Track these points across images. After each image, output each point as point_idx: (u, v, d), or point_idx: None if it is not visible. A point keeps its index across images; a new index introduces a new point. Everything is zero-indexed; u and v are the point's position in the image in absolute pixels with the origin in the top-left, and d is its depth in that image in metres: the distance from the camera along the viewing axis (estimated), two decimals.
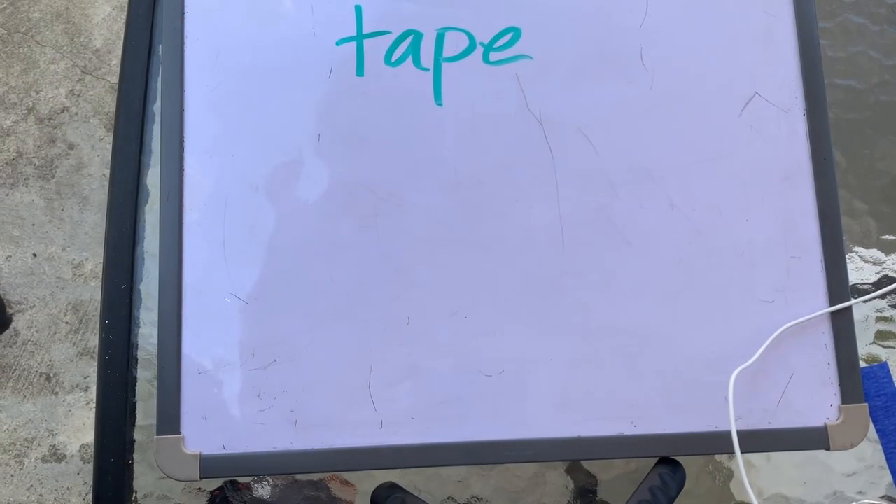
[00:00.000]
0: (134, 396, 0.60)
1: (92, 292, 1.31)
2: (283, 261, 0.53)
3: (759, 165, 0.55)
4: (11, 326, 1.29)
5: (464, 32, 0.55)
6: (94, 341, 1.28)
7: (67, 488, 1.23)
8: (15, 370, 1.28)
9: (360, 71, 0.55)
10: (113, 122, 0.65)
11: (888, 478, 0.61)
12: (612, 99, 0.55)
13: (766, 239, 0.54)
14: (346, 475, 0.61)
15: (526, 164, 0.54)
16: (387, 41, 0.55)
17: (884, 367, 0.55)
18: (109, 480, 0.59)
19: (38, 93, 1.39)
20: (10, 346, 1.29)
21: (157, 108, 0.63)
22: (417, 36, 0.55)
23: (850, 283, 0.61)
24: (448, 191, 0.54)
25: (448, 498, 0.61)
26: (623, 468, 0.61)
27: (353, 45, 0.55)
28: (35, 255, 1.32)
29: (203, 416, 0.52)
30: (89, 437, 1.25)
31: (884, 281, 0.64)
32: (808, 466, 0.61)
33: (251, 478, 0.60)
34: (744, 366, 0.52)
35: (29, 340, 1.29)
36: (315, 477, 0.61)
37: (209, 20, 0.56)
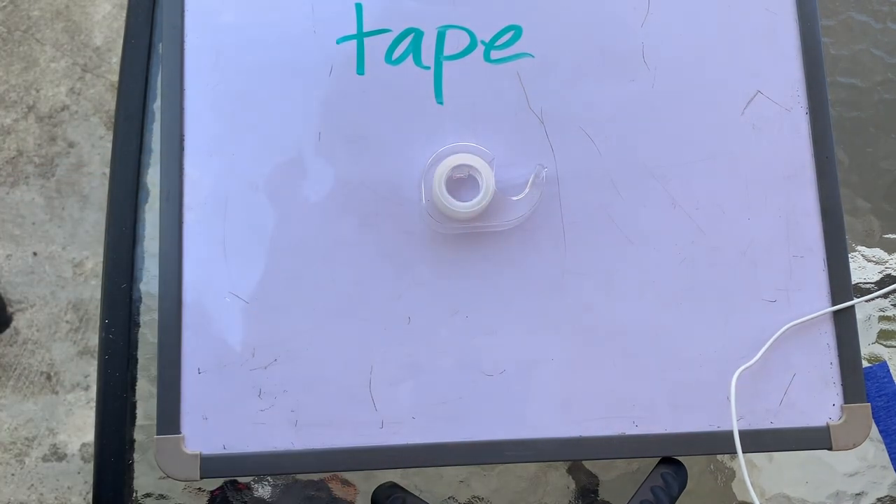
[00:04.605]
0: (134, 396, 0.60)
1: (92, 291, 1.31)
2: (284, 260, 0.53)
3: (761, 164, 0.55)
4: (12, 325, 1.29)
5: (465, 31, 0.55)
6: (94, 340, 1.28)
7: (68, 487, 1.23)
8: (15, 369, 1.28)
9: (360, 69, 0.55)
10: (113, 121, 0.64)
11: (891, 477, 0.61)
12: (613, 97, 0.55)
13: (769, 238, 0.54)
14: (347, 475, 0.61)
15: (527, 163, 0.54)
16: (387, 39, 0.55)
17: (883, 366, 0.55)
18: (109, 480, 0.59)
19: (38, 91, 1.39)
20: (11, 345, 1.29)
21: (157, 106, 0.62)
22: (418, 34, 0.55)
23: (853, 283, 0.61)
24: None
25: (449, 498, 0.61)
26: (625, 468, 0.61)
27: (353, 43, 0.55)
28: (35, 253, 1.32)
29: (203, 415, 0.52)
30: (90, 436, 1.25)
31: (886, 280, 0.64)
32: (810, 466, 0.61)
33: (251, 478, 0.60)
34: (746, 365, 0.52)
35: (29, 339, 1.29)
36: (315, 477, 0.60)
37: (209, 18, 0.56)
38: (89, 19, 1.42)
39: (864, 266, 0.64)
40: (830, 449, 0.53)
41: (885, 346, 0.63)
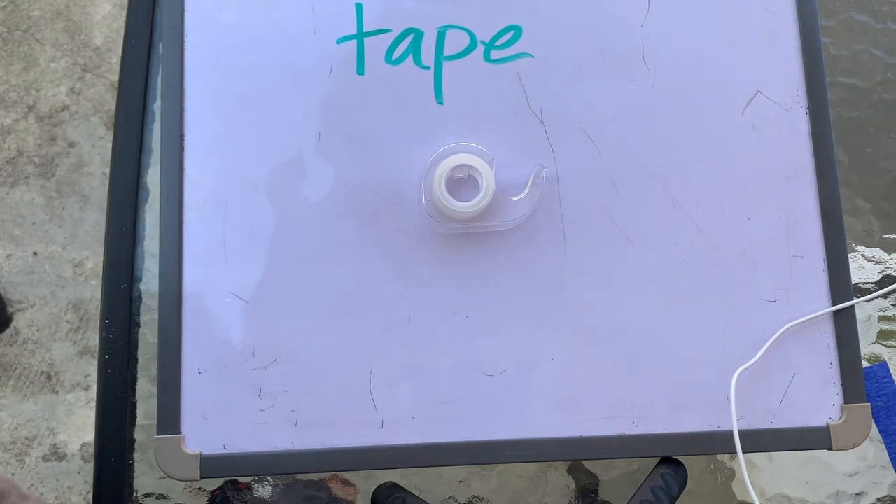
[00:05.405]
0: (134, 396, 0.60)
1: (92, 291, 1.31)
2: (284, 260, 0.53)
3: (761, 164, 0.55)
4: (12, 325, 1.29)
5: (464, 31, 0.55)
6: (94, 340, 1.28)
7: (68, 487, 1.24)
8: (16, 369, 1.28)
9: (360, 69, 0.55)
10: (113, 121, 0.64)
11: (890, 477, 0.61)
12: (613, 97, 0.55)
13: (769, 238, 0.54)
14: (347, 475, 0.61)
15: (527, 163, 0.54)
16: (387, 39, 0.55)
17: (884, 366, 0.55)
18: (110, 479, 0.59)
19: (38, 91, 1.39)
20: (11, 345, 1.29)
21: (157, 106, 0.62)
22: (418, 34, 0.55)
23: (853, 283, 0.61)
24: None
25: (449, 498, 0.61)
26: (625, 468, 0.61)
27: (353, 43, 0.55)
28: (35, 253, 1.32)
29: (203, 415, 0.52)
30: (90, 435, 1.25)
31: (886, 280, 0.64)
32: (810, 466, 0.61)
33: (251, 478, 0.60)
34: (746, 365, 0.52)
35: (29, 339, 1.29)
36: (315, 477, 0.60)
37: (209, 19, 0.56)
38: (89, 19, 1.42)
39: (864, 266, 0.64)
40: (830, 449, 0.53)
41: (885, 346, 0.63)
